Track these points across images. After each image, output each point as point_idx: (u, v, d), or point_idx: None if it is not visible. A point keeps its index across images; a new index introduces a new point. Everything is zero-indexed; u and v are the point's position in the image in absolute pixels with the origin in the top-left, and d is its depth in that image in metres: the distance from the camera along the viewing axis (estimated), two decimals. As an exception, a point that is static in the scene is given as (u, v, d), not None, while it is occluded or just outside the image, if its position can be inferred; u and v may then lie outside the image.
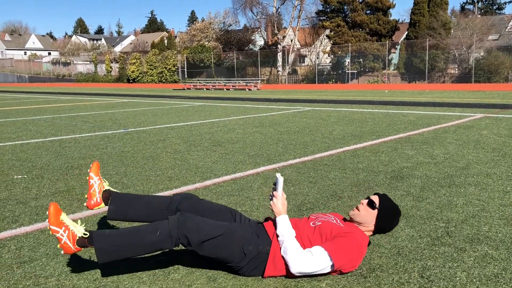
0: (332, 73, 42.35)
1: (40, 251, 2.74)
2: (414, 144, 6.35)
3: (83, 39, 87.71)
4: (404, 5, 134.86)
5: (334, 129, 8.15)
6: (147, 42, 66.25)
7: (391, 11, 41.95)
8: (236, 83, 32.59)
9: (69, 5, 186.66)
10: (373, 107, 12.88)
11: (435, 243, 2.77)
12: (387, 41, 38.71)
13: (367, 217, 2.45)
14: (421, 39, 35.62)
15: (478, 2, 62.30)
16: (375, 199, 2.48)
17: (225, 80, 35.72)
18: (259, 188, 4.10)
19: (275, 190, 2.45)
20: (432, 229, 3.01)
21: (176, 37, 63.40)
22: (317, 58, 45.38)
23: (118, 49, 77.24)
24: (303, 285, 2.29)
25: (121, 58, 54.26)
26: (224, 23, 54.69)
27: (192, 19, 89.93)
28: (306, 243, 2.36)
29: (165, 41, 57.16)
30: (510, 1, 62.69)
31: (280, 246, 2.34)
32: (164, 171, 4.86)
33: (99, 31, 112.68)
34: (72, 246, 2.22)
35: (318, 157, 5.52)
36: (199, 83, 33.99)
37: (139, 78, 49.65)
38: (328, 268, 2.29)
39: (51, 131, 8.52)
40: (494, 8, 62.57)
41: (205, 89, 31.82)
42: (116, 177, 4.60)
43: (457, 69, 36.26)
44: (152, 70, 49.11)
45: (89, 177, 2.63)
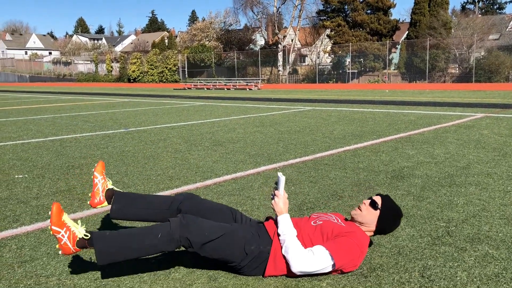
0: (332, 72, 42.35)
1: (41, 250, 2.75)
2: (415, 143, 6.34)
3: (83, 39, 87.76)
4: (405, 5, 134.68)
5: (335, 128, 8.14)
6: (147, 42, 66.32)
7: (391, 10, 41.92)
8: (237, 82, 32.60)
9: (70, 4, 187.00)
10: (374, 107, 12.88)
11: (435, 243, 2.77)
12: (387, 41, 38.70)
13: (368, 217, 2.46)
14: (421, 38, 35.60)
15: (478, 2, 62.28)
16: (378, 199, 2.49)
17: (226, 79, 35.72)
18: (260, 187, 4.10)
19: (276, 189, 2.45)
20: (433, 228, 3.01)
21: (176, 36, 63.46)
22: (318, 58, 45.37)
23: (118, 48, 77.29)
24: (303, 284, 2.29)
25: (122, 58, 54.29)
26: (224, 22, 54.72)
27: (193, 18, 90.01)
28: (307, 242, 2.36)
29: (166, 40, 57.20)
30: (511, 1, 62.70)
31: (282, 245, 2.34)
32: (165, 170, 4.86)
33: (100, 30, 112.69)
34: (72, 247, 2.22)
35: (319, 156, 5.52)
36: (199, 82, 33.99)
37: (140, 77, 49.68)
38: (329, 268, 2.29)
39: (52, 130, 8.53)
40: (495, 7, 62.59)
41: (205, 88, 31.82)
42: (117, 177, 4.60)
43: (457, 68, 36.25)
44: (153, 69, 49.12)
45: (93, 176, 2.66)
